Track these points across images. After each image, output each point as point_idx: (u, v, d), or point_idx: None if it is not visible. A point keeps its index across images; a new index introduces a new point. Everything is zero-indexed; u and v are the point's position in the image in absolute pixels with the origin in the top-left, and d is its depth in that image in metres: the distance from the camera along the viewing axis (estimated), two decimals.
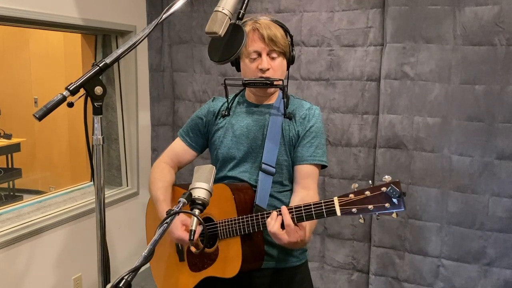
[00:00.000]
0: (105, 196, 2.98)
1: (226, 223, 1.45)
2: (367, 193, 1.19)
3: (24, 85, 4.99)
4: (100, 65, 1.04)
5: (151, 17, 3.18)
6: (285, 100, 1.53)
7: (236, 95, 1.66)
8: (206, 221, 1.52)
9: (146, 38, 3.17)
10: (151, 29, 1.13)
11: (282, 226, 1.30)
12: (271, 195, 1.51)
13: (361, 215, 1.22)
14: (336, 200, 1.25)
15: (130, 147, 3.21)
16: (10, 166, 4.68)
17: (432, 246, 2.53)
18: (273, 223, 1.29)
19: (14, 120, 4.93)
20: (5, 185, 4.71)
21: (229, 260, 1.45)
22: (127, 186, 3.26)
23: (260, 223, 1.38)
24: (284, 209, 1.28)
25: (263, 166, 1.50)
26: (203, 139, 1.66)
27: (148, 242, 1.75)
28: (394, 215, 1.18)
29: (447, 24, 2.36)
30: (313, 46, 2.69)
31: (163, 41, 3.19)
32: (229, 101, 1.62)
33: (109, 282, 1.12)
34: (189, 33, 3.10)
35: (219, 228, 1.47)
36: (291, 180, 1.55)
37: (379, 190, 1.18)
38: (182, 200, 1.07)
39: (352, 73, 2.63)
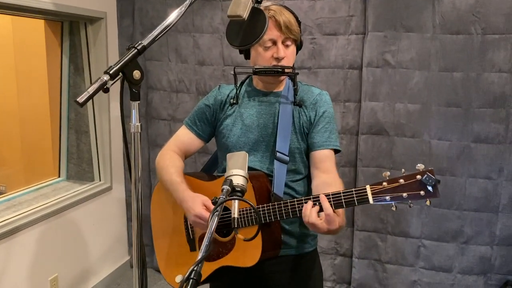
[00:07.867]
0: (77, 192, 2.87)
1: (245, 212, 1.42)
2: (401, 181, 1.22)
3: None
4: (138, 48, 0.97)
5: (121, 4, 3.03)
6: (295, 87, 1.52)
7: (242, 83, 1.63)
8: (223, 210, 1.48)
9: (116, 26, 3.06)
10: (186, 7, 1.08)
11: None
12: (285, 184, 1.49)
13: (393, 203, 1.24)
14: (368, 188, 1.26)
15: (102, 139, 3.05)
16: None
17: (413, 228, 2.64)
18: (308, 213, 1.25)
19: None
20: None
21: (248, 249, 1.43)
22: (100, 180, 3.11)
23: (280, 212, 1.36)
24: (323, 197, 1.26)
25: (278, 154, 1.48)
26: (210, 128, 1.61)
27: (154, 231, 1.69)
28: (428, 202, 1.22)
29: (427, 14, 2.44)
30: None
31: (135, 29, 3.06)
32: (237, 89, 1.58)
33: (145, 277, 1.07)
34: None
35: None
36: (305, 167, 1.54)
37: (414, 178, 1.21)
38: (226, 187, 1.04)
39: (334, 62, 2.66)
